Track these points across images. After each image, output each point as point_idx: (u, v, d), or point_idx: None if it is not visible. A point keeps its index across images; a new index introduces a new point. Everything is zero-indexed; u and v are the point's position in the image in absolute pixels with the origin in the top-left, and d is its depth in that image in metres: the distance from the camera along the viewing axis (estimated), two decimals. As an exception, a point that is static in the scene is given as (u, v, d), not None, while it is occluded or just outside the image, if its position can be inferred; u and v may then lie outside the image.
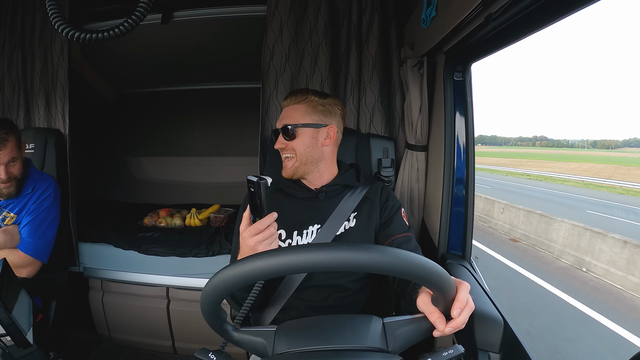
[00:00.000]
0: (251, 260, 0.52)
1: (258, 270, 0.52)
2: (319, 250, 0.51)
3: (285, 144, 1.07)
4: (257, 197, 0.73)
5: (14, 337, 0.83)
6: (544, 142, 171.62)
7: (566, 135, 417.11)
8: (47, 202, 1.50)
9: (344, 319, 0.69)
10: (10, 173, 1.40)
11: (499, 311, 0.93)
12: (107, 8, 1.79)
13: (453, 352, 0.60)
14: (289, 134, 1.07)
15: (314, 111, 1.08)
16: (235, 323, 0.76)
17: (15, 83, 1.88)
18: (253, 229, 0.76)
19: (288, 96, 1.11)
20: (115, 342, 2.04)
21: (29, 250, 1.42)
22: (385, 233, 1.05)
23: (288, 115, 1.08)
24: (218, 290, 0.56)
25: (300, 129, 1.06)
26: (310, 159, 1.07)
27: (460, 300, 0.60)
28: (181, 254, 1.87)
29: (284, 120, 1.08)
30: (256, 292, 0.77)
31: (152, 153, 3.01)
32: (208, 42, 2.19)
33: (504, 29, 0.92)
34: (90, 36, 0.60)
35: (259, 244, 0.76)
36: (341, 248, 0.50)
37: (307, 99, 1.09)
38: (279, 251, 0.52)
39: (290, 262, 0.51)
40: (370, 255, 0.50)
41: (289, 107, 1.09)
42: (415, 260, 0.52)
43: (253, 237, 0.76)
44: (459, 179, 1.29)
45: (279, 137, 1.09)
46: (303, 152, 1.07)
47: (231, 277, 0.54)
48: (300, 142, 1.06)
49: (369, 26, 1.54)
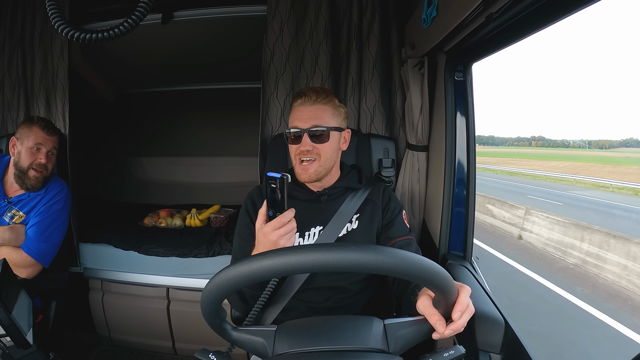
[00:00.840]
0: (254, 260, 0.52)
1: (261, 269, 0.52)
2: (324, 250, 0.51)
3: (312, 147, 1.00)
4: (280, 193, 0.75)
5: (13, 338, 0.83)
6: (540, 142, 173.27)
7: (564, 135, 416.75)
8: (57, 205, 1.51)
9: (345, 320, 0.69)
10: (47, 161, 1.49)
11: (500, 312, 0.92)
12: (107, 8, 1.79)
13: (454, 353, 0.60)
14: (320, 136, 1.00)
15: (338, 113, 1.04)
16: (247, 322, 0.76)
17: (15, 83, 1.88)
18: (276, 223, 0.76)
19: (308, 93, 1.02)
20: (116, 342, 2.04)
21: (32, 252, 1.42)
22: (387, 235, 1.04)
23: (316, 115, 1.00)
24: (220, 289, 0.56)
25: (332, 133, 1.01)
26: (331, 163, 1.04)
27: (461, 303, 0.61)
28: (181, 254, 1.87)
29: (312, 121, 1.00)
30: (271, 289, 0.78)
31: (153, 153, 3.01)
32: (208, 42, 2.19)
33: (505, 28, 0.92)
34: (90, 36, 0.60)
35: (281, 238, 0.77)
36: (348, 248, 0.50)
37: (331, 100, 1.03)
38: (282, 251, 0.52)
39: (295, 262, 0.51)
40: (376, 257, 0.50)
41: (315, 106, 1.01)
42: (420, 262, 0.52)
43: (276, 232, 0.77)
44: (460, 179, 1.28)
45: (305, 139, 1.00)
46: (329, 157, 1.02)
47: (234, 277, 0.54)
48: (330, 146, 1.01)
49: (370, 26, 1.54)
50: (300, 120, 1.01)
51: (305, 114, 1.00)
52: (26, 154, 1.45)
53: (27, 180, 1.46)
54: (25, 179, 1.46)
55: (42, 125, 1.48)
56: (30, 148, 1.46)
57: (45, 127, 1.49)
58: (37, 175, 1.46)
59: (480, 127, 5.05)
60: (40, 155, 1.47)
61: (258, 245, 0.81)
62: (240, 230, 1.07)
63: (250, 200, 1.10)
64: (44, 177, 1.49)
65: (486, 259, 6.13)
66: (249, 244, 1.04)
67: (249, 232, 1.05)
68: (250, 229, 1.05)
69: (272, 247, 0.77)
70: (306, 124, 1.00)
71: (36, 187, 1.48)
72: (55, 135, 1.53)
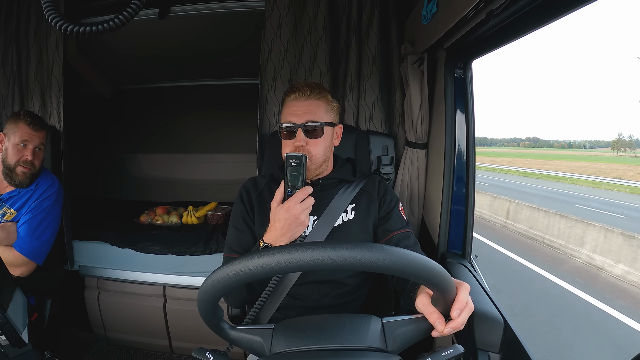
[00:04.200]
0: (251, 258, 0.52)
1: (258, 267, 0.51)
2: (320, 248, 0.51)
3: (306, 142, 0.99)
4: (301, 170, 0.85)
5: (8, 337, 0.82)
6: (527, 143, 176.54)
7: (557, 136, 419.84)
8: (48, 201, 1.50)
9: (342, 319, 0.68)
10: (34, 157, 1.46)
11: (499, 311, 0.92)
12: (102, 3, 1.77)
13: (452, 352, 0.60)
14: (314, 132, 0.99)
15: (331, 109, 1.04)
16: (247, 320, 0.76)
17: (9, 79, 1.86)
18: (300, 195, 0.85)
19: (302, 88, 1.01)
20: (111, 341, 2.02)
21: (24, 250, 1.41)
22: (384, 228, 1.03)
23: (310, 110, 0.99)
24: (217, 287, 0.55)
25: (325, 128, 1.01)
26: (324, 159, 1.03)
27: (460, 301, 0.60)
28: (178, 252, 1.86)
29: (306, 116, 0.99)
30: (275, 282, 0.81)
31: (149, 150, 2.99)
32: (205, 37, 2.17)
33: (505, 25, 0.92)
34: (84, 29, 0.59)
35: (302, 213, 0.85)
36: (344, 246, 0.50)
37: (325, 96, 1.03)
38: (278, 249, 0.52)
39: (291, 259, 0.50)
40: (372, 254, 0.50)
41: (309, 101, 1.00)
42: (418, 260, 0.52)
43: (299, 205, 0.84)
44: (460, 177, 1.28)
45: (299, 134, 0.99)
46: (322, 154, 1.02)
47: (231, 275, 0.53)
48: (323, 142, 1.01)
49: (369, 22, 1.53)
50: (294, 115, 1.00)
51: (299, 109, 1.00)
52: (13, 151, 1.43)
53: (15, 176, 1.44)
54: (13, 175, 1.44)
55: (28, 120, 1.45)
56: (17, 144, 1.43)
57: (32, 123, 1.46)
58: (24, 171, 1.44)
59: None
60: (26, 151, 1.44)
61: (276, 223, 0.86)
62: (236, 221, 1.06)
63: (244, 190, 1.09)
64: (32, 174, 1.47)
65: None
66: (245, 234, 1.04)
67: (245, 222, 1.05)
68: (245, 218, 1.05)
69: (293, 222, 0.85)
70: (300, 119, 0.99)
71: (24, 184, 1.46)
72: (42, 131, 1.49)
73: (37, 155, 1.48)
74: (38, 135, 1.47)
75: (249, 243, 1.03)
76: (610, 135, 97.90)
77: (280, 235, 0.86)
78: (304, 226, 0.88)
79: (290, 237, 0.87)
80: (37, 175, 1.50)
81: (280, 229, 0.85)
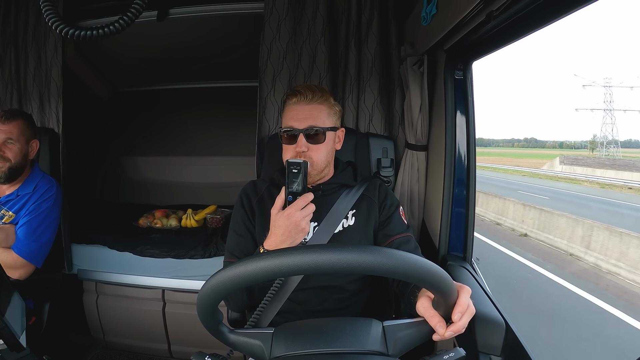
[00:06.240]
0: (251, 261, 0.51)
1: (258, 271, 0.51)
2: (321, 251, 0.50)
3: (308, 147, 0.97)
4: (302, 177, 0.84)
5: (6, 341, 0.82)
6: (523, 144, 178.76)
7: (552, 137, 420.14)
8: (47, 203, 1.48)
9: (343, 322, 0.68)
10: (3, 152, 1.41)
11: (501, 313, 0.91)
12: (102, 5, 1.77)
13: (454, 355, 0.60)
14: (316, 137, 0.98)
15: (333, 113, 1.02)
16: (250, 324, 0.75)
17: (8, 82, 1.85)
18: (301, 202, 0.83)
19: (304, 92, 0.99)
20: (110, 345, 2.01)
21: (23, 252, 1.40)
22: (385, 233, 1.03)
23: (312, 115, 0.98)
24: (217, 290, 0.55)
25: (327, 133, 0.99)
26: (325, 164, 1.02)
27: (461, 305, 0.60)
28: (177, 255, 1.84)
29: (308, 121, 0.97)
30: (277, 285, 0.81)
31: (148, 153, 2.98)
32: (204, 40, 2.17)
33: (505, 26, 0.92)
34: (84, 33, 0.59)
35: (303, 220, 0.83)
36: (345, 249, 0.50)
37: (327, 99, 1.01)
38: (280, 252, 0.51)
39: (291, 263, 0.50)
40: (373, 257, 0.49)
41: (311, 105, 0.98)
42: (419, 263, 0.52)
43: (299, 212, 0.83)
44: (460, 179, 1.27)
45: (301, 140, 0.97)
46: (323, 159, 1.00)
47: (230, 278, 0.53)
48: (325, 148, 0.99)
49: (369, 23, 1.52)
50: (296, 119, 0.98)
51: (300, 114, 0.98)
52: None
53: None
54: None
55: None
56: None
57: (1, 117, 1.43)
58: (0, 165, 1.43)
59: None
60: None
61: (276, 230, 0.85)
62: (236, 226, 1.05)
63: (245, 194, 1.09)
64: (9, 168, 1.43)
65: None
66: (246, 239, 1.03)
67: (245, 227, 1.04)
68: (246, 223, 1.04)
69: (294, 229, 0.83)
70: (302, 124, 0.98)
71: (1, 179, 1.43)
72: (10, 123, 1.43)
73: (10, 149, 1.43)
74: (4, 130, 1.42)
75: (249, 248, 1.02)
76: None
77: (280, 242, 0.85)
78: (305, 233, 0.87)
79: (291, 244, 0.86)
80: (18, 172, 1.46)
81: (281, 236, 0.85)
